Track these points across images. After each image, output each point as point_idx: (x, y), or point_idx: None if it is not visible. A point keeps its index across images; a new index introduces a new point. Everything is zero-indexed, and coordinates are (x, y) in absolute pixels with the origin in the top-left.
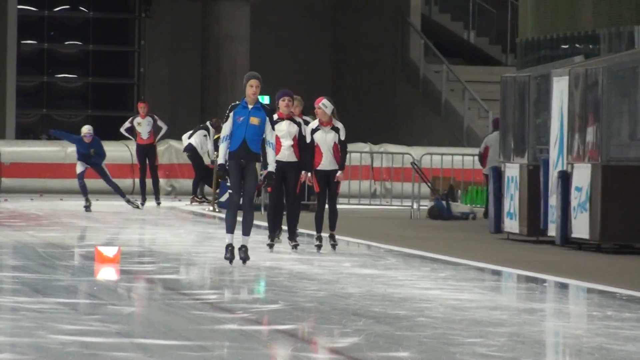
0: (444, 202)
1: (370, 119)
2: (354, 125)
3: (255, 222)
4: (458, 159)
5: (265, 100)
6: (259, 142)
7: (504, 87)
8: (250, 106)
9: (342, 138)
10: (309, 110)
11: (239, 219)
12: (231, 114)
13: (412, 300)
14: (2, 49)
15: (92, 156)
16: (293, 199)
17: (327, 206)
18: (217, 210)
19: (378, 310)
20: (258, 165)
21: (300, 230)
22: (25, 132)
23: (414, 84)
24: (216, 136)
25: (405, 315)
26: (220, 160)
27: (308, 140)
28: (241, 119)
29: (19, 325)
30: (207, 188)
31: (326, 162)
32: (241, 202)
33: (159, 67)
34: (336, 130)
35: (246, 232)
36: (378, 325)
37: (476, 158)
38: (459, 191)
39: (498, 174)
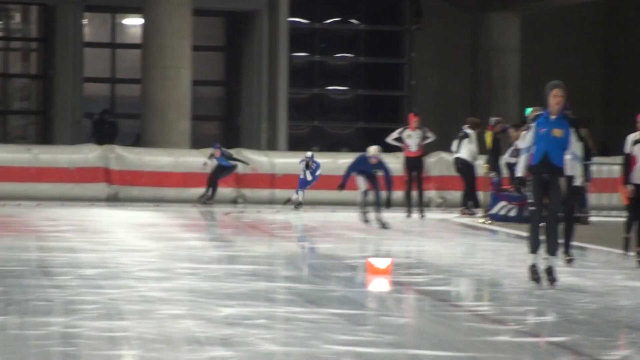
0: None
1: None
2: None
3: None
4: None
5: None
6: (562, 155)
7: None
8: (552, 117)
9: None
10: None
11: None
12: (533, 125)
13: None
14: (274, 62)
15: (372, 175)
16: (569, 211)
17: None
18: (488, 222)
19: None
20: (562, 180)
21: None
22: (296, 144)
23: None
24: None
25: None
26: (520, 172)
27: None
28: (543, 130)
29: (293, 335)
30: (478, 200)
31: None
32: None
33: (429, 78)
34: None
35: (552, 251)
36: None
37: None
38: None
39: None
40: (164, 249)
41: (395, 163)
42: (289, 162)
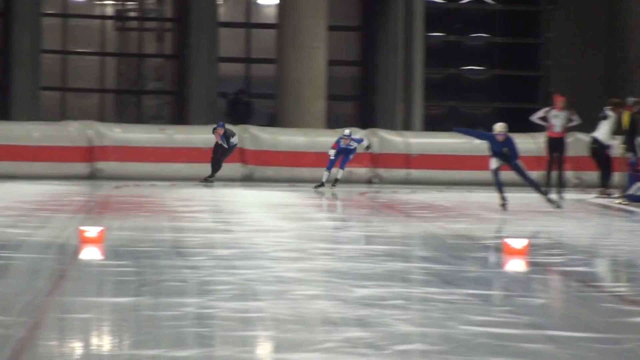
0: None
1: None
2: None
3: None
4: None
5: None
6: None
7: None
8: None
9: None
10: None
11: None
12: None
13: None
14: (409, 41)
15: (505, 154)
16: None
17: None
18: (624, 203)
19: None
20: None
21: None
22: (432, 124)
23: None
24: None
25: None
26: None
27: None
28: None
29: (429, 316)
30: (613, 180)
31: None
32: None
33: (565, 58)
34: None
35: None
36: None
37: None
38: None
39: None
40: (298, 229)
41: (529, 143)
42: (424, 142)
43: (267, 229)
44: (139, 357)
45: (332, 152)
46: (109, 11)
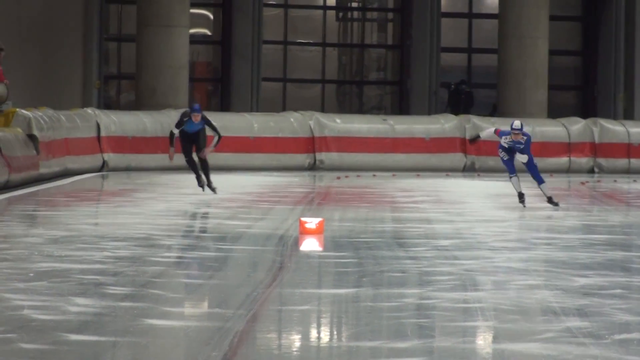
0: None
1: None
2: None
3: None
4: None
5: None
6: None
7: None
8: None
9: None
10: None
11: None
12: None
13: None
14: (630, 31)
15: None
16: None
17: None
18: None
19: None
20: None
21: None
22: None
23: None
24: None
25: None
26: None
27: None
28: None
29: None
30: None
31: None
32: None
33: None
34: None
35: None
36: None
37: None
38: None
39: None
40: (519, 219)
41: None
42: None
43: (487, 219)
44: (358, 349)
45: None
46: (331, 2)
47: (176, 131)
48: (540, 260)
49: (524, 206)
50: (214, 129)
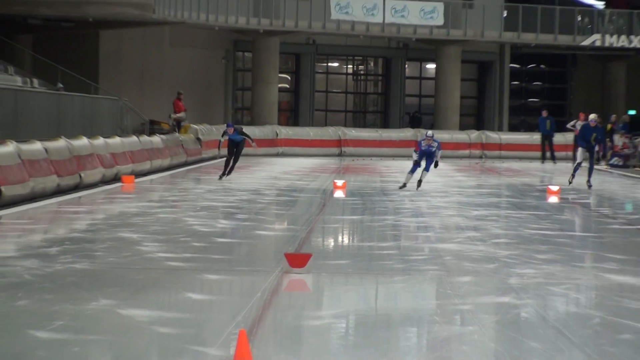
0: None
1: None
2: None
3: None
4: None
5: None
6: None
7: None
8: None
9: None
10: None
11: None
12: None
13: None
14: None
15: None
16: None
17: None
18: None
19: None
20: None
21: None
22: None
23: None
24: None
25: None
26: None
27: None
28: None
29: None
30: None
31: None
32: None
33: None
34: None
35: None
36: None
37: None
38: None
39: None
40: (443, 182)
41: None
42: None
43: (428, 181)
44: (362, 247)
45: (414, 155)
46: (349, 70)
47: (221, 138)
48: (454, 202)
49: (405, 187)
50: (246, 135)
